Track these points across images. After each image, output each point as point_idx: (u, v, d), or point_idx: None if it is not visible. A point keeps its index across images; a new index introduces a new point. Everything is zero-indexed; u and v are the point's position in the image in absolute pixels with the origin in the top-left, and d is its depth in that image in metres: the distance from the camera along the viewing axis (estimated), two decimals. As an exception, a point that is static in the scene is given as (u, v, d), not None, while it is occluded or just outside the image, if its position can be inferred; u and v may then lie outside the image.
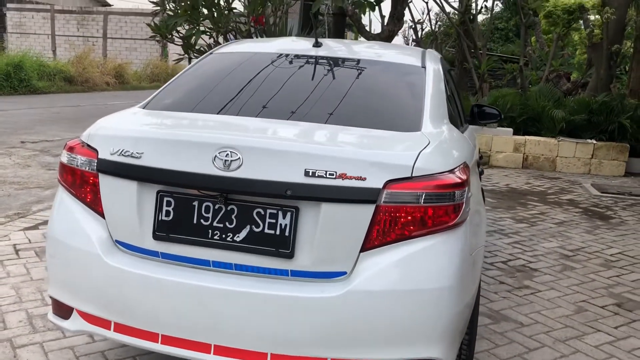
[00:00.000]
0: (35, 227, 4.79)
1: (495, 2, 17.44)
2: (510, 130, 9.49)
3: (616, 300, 3.98)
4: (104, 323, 2.21)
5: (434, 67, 2.98)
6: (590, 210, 6.67)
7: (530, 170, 9.28)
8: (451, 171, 2.11)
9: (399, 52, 3.25)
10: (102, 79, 21.89)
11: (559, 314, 3.68)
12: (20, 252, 4.20)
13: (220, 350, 2.07)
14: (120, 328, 2.18)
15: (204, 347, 2.08)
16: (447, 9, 10.99)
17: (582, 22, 12.34)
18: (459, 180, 2.09)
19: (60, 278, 2.32)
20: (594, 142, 9.23)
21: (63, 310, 2.33)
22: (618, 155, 9.17)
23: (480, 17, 16.76)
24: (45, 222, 4.88)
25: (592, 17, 13.42)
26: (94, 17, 29.15)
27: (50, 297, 2.39)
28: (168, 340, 2.12)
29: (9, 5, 29.00)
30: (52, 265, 2.36)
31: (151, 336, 2.14)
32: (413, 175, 2.02)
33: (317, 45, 3.07)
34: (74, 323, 2.30)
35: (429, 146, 2.17)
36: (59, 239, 2.30)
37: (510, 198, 7.08)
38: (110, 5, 33.58)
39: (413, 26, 11.06)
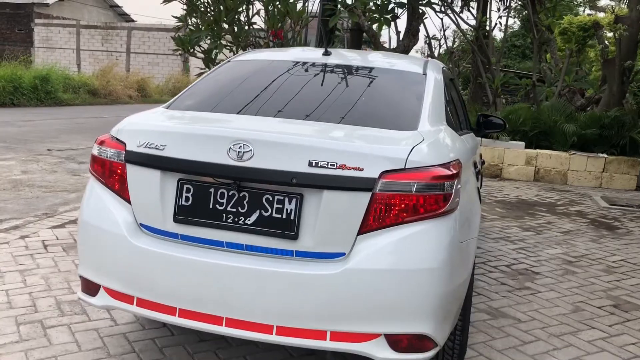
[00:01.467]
0: (62, 226, 5.08)
1: (513, 20, 17.57)
2: (522, 143, 9.66)
3: (613, 302, 4.14)
4: (128, 298, 2.46)
5: (435, 75, 3.21)
6: (597, 221, 6.81)
7: (542, 183, 9.42)
8: (442, 165, 2.33)
9: (402, 61, 3.49)
10: (124, 92, 22.50)
11: (556, 313, 3.85)
12: (49, 247, 4.49)
13: (231, 322, 2.30)
14: (142, 303, 2.42)
15: (216, 320, 2.31)
16: (462, 25, 11.24)
17: (596, 38, 12.46)
18: (449, 173, 2.31)
19: (89, 258, 2.58)
20: (605, 156, 9.35)
21: (91, 288, 2.58)
22: (629, 169, 9.28)
23: (499, 35, 16.95)
24: (72, 222, 5.18)
25: (609, 34, 13.55)
26: (118, 32, 29.95)
27: (80, 276, 2.64)
28: (185, 313, 2.35)
29: (36, 20, 29.93)
30: (82, 246, 2.62)
31: (169, 310, 2.37)
32: (406, 167, 2.25)
33: (326, 53, 3.33)
34: (101, 299, 2.55)
35: (423, 142, 2.40)
36: (90, 223, 2.56)
37: (520, 209, 7.24)
38: (134, 20, 34.42)
39: (428, 41, 11.31)
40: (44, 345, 2.95)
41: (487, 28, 11.16)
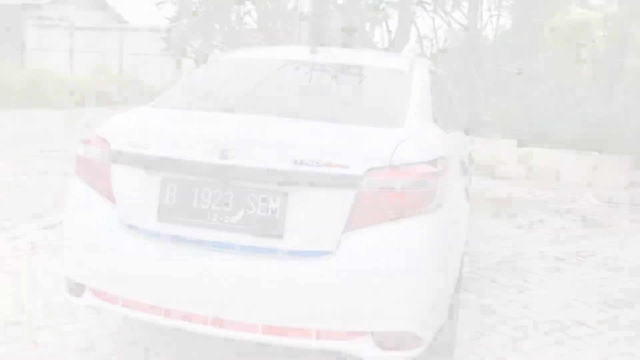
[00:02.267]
0: (50, 227, 5.03)
1: (505, 19, 17.58)
2: (514, 142, 9.66)
3: (603, 298, 4.14)
4: (113, 298, 2.45)
5: (421, 72, 3.21)
6: (589, 218, 6.82)
7: (533, 181, 9.43)
8: (427, 162, 2.33)
9: (389, 59, 3.50)
10: (118, 93, 22.36)
11: (545, 309, 3.85)
12: (37, 248, 4.46)
13: (216, 321, 2.29)
14: (127, 302, 2.41)
15: (202, 319, 2.30)
16: (454, 25, 11.26)
17: (587, 37, 12.51)
18: (434, 170, 2.31)
19: (74, 258, 2.57)
20: (597, 154, 9.37)
21: (76, 288, 2.57)
22: (620, 167, 9.29)
23: (491, 34, 17.04)
24: (61, 223, 5.14)
25: (600, 33, 13.60)
26: (112, 33, 29.82)
27: (65, 276, 2.63)
28: (170, 313, 2.34)
29: (29, 22, 29.78)
30: (67, 246, 2.61)
31: (155, 309, 2.36)
32: (391, 164, 2.24)
33: (313, 52, 3.33)
34: (86, 299, 2.54)
35: (408, 140, 2.39)
36: (74, 222, 2.55)
37: (511, 207, 7.25)
38: (127, 22, 34.31)
39: (419, 41, 11.33)
40: (31, 346, 2.93)
41: (479, 27, 11.19)
